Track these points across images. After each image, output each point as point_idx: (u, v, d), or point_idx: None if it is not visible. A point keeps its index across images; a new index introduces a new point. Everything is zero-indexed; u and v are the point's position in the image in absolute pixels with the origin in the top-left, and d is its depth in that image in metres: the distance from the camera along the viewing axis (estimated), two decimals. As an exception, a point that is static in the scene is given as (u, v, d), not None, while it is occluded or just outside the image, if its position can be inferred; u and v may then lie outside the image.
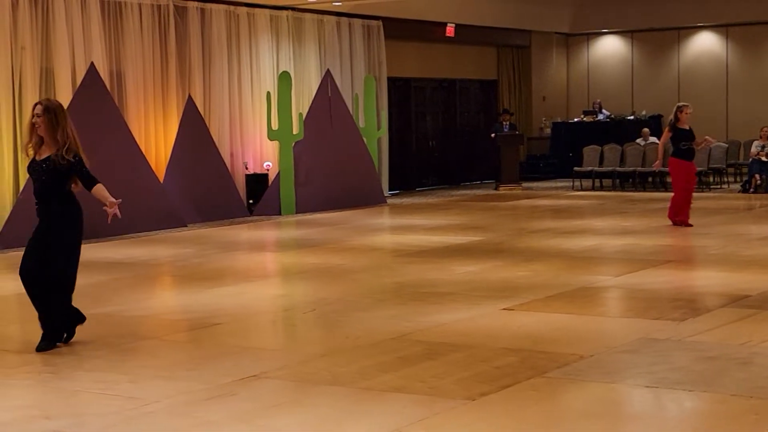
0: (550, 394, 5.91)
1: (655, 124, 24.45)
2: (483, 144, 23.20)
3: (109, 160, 14.74)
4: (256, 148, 18.12)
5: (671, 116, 14.21)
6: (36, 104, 7.41)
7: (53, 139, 7.25)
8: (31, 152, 7.41)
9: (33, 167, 7.37)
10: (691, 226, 13.85)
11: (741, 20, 23.88)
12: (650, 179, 21.39)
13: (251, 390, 6.12)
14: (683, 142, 13.95)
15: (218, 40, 17.33)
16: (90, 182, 7.35)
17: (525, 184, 22.44)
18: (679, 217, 14.04)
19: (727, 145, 21.39)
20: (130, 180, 14.96)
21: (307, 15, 19.09)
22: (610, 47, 25.98)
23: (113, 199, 7.37)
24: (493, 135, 21.98)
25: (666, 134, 14.26)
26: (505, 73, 24.96)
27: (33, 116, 7.31)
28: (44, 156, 7.29)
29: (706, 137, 14.79)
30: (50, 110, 7.26)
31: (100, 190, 7.35)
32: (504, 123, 22.28)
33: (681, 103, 14.48)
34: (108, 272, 11.17)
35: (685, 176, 14.05)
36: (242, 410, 5.70)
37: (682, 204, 14.07)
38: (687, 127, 14.01)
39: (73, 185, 7.36)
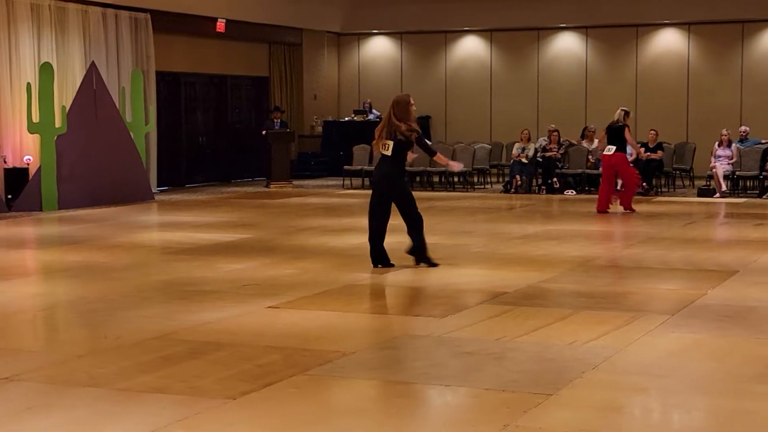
0: (312, 392, 5.93)
1: (423, 124, 25.01)
2: (254, 141, 23.13)
3: None
4: (16, 142, 17.40)
5: (622, 118, 15.73)
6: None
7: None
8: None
9: None
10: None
11: (504, 26, 24.75)
12: (417, 179, 21.86)
13: (2, 393, 5.86)
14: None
15: (-25, 27, 16.54)
16: (431, 151, 10.75)
17: (296, 182, 22.51)
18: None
19: (490, 147, 22.11)
20: None
21: (71, 5, 18.47)
22: (380, 48, 26.39)
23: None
24: (264, 132, 21.93)
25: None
26: (277, 70, 24.93)
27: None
28: None
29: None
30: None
31: (439, 157, 10.78)
32: (275, 120, 22.27)
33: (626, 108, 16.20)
34: None
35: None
36: (-9, 415, 5.45)
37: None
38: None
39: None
